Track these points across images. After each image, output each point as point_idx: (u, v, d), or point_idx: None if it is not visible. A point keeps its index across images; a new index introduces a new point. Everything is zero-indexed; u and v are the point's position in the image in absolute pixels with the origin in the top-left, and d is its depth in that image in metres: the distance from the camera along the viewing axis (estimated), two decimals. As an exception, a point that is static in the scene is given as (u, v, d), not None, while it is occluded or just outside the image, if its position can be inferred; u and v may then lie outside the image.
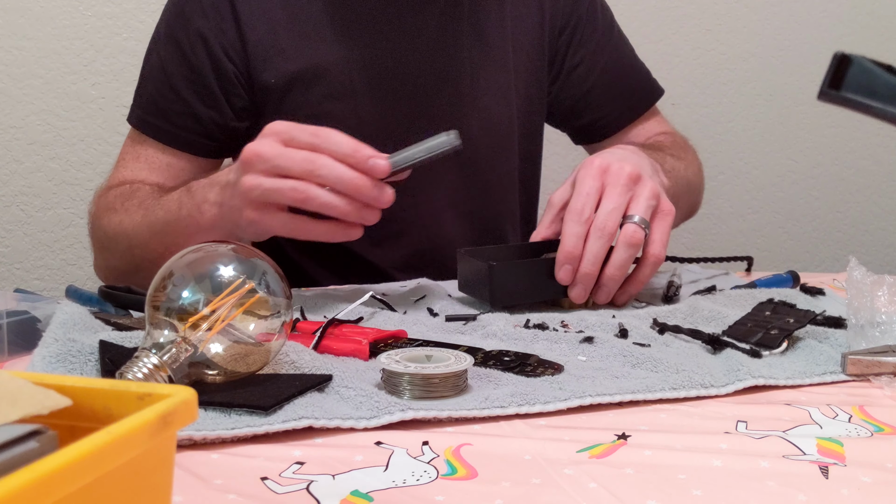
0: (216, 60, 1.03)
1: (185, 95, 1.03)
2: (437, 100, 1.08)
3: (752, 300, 0.87)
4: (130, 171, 1.04)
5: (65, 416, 0.36)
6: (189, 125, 1.04)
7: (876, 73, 0.52)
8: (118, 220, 0.97)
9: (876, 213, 1.86)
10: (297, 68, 1.04)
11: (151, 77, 1.06)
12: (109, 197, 1.00)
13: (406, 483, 0.49)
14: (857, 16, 1.78)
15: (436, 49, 1.08)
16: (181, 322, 0.58)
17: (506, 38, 1.13)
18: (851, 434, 0.58)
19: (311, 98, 1.04)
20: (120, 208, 0.98)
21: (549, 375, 0.65)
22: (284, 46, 1.04)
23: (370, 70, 1.05)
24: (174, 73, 1.04)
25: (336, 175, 0.77)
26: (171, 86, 1.04)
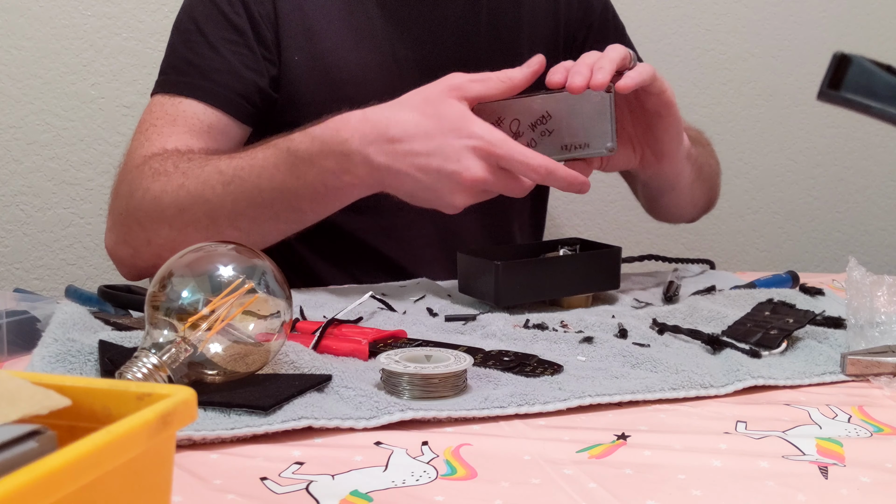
0: (256, 24, 1.01)
1: (226, 54, 1.00)
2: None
3: (752, 300, 0.87)
4: (169, 138, 0.96)
5: (64, 416, 0.35)
6: (231, 84, 0.99)
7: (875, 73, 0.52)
8: (177, 184, 0.89)
9: (875, 214, 1.86)
10: (320, 51, 1.04)
11: (186, 41, 1.02)
12: (152, 163, 0.92)
13: (405, 483, 0.49)
14: (857, 16, 1.78)
15: (454, 43, 1.09)
16: (181, 322, 0.58)
17: (521, 35, 1.14)
18: (851, 434, 0.58)
19: (330, 82, 1.04)
20: (174, 171, 0.90)
21: (549, 375, 0.65)
22: (312, 27, 1.04)
23: (389, 59, 1.06)
24: (213, 32, 1.00)
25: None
26: (211, 44, 1.00)
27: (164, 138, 0.96)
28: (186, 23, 1.03)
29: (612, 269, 0.92)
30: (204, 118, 0.98)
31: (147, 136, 0.97)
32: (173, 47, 1.03)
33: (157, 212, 0.90)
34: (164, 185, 0.89)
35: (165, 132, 0.96)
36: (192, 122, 0.97)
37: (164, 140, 0.96)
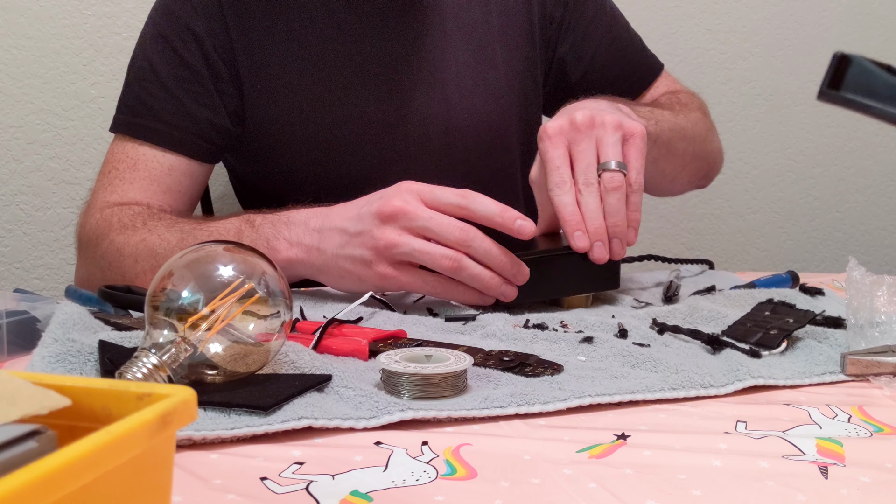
0: (209, 59, 1.02)
1: (179, 94, 1.01)
2: (425, 101, 1.08)
3: (752, 300, 0.87)
4: (131, 185, 1.00)
5: (64, 416, 0.35)
6: (185, 125, 1.01)
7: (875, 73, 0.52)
8: (139, 239, 0.93)
9: (875, 214, 1.86)
10: (284, 75, 1.04)
11: (140, 79, 1.03)
12: (120, 215, 0.96)
13: (405, 483, 0.49)
14: (857, 16, 1.78)
15: (421, 50, 1.07)
16: (181, 322, 0.58)
17: (492, 35, 1.12)
18: (851, 434, 0.58)
19: (294, 105, 1.04)
20: (141, 227, 0.94)
21: (549, 375, 0.65)
22: (270, 53, 1.03)
23: (357, 73, 1.05)
24: (165, 72, 1.01)
25: (485, 249, 0.81)
26: (163, 85, 1.01)
27: (126, 185, 1.00)
28: (141, 61, 1.04)
29: (612, 269, 0.91)
30: (164, 161, 1.01)
31: (110, 181, 1.01)
32: (129, 86, 1.05)
33: (116, 261, 0.94)
34: (127, 239, 0.94)
35: (127, 178, 1.00)
36: (152, 167, 1.01)
37: (125, 187, 1.00)
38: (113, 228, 0.95)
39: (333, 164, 1.06)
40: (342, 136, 1.05)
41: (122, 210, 0.97)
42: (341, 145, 1.06)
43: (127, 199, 0.99)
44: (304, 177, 1.07)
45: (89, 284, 0.98)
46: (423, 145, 1.08)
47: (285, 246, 0.86)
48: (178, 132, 1.01)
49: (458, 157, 1.08)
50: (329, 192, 1.06)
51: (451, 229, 0.80)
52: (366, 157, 1.06)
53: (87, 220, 1.00)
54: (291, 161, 1.06)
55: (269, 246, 0.87)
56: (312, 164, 1.06)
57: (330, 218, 0.86)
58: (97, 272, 0.97)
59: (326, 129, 1.05)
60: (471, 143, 1.10)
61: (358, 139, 1.06)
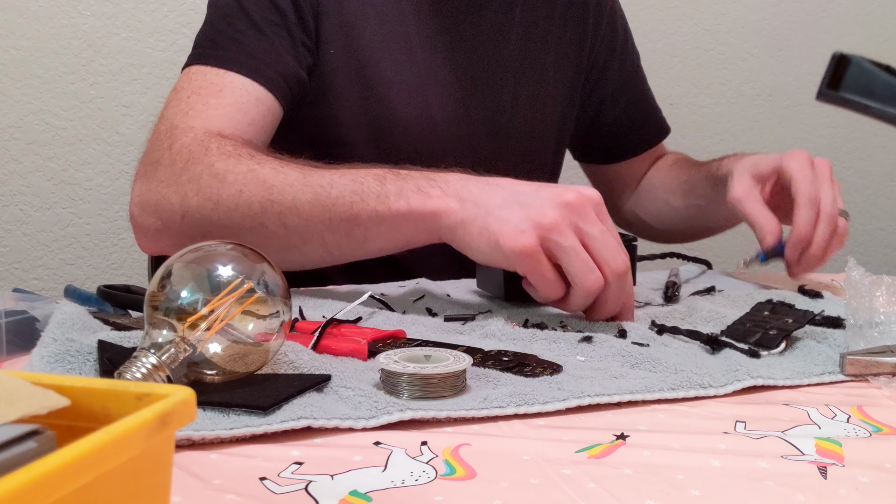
0: (300, 9, 1.00)
1: (269, 34, 0.98)
2: (479, 104, 1.10)
3: (751, 300, 0.87)
4: (216, 111, 0.92)
5: (63, 416, 0.35)
6: (273, 63, 0.97)
7: (874, 73, 0.52)
8: (246, 168, 0.84)
9: (874, 214, 1.87)
10: (356, 47, 1.04)
11: (226, 17, 0.99)
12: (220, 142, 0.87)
13: (405, 483, 0.49)
14: (856, 16, 1.78)
15: (485, 52, 1.10)
16: (180, 322, 0.58)
17: (548, 51, 1.15)
18: (850, 434, 0.58)
19: (362, 79, 1.04)
20: (248, 158, 0.85)
21: (548, 375, 0.65)
22: (350, 21, 1.04)
23: (420, 63, 1.06)
24: (256, 12, 0.99)
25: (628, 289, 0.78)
26: (253, 23, 0.98)
27: (211, 111, 0.92)
28: (227, 0, 1.01)
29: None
30: (252, 91, 0.95)
31: (191, 105, 0.93)
32: (212, 23, 1.01)
33: (214, 187, 0.84)
34: (233, 166, 0.85)
35: (212, 103, 0.92)
36: (239, 94, 0.94)
37: (210, 113, 0.92)
38: (211, 152, 0.86)
39: (378, 150, 1.06)
40: (398, 119, 1.06)
41: (220, 140, 0.88)
42: (396, 127, 1.06)
43: (214, 128, 0.91)
44: (355, 150, 1.05)
45: (158, 210, 0.88)
46: (471, 148, 1.10)
47: (438, 193, 0.79)
48: (266, 68, 0.96)
49: (501, 165, 1.09)
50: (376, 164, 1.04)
51: (615, 254, 0.76)
52: (418, 145, 1.06)
53: (170, 142, 0.90)
54: (346, 133, 1.05)
55: (420, 192, 0.80)
56: (365, 139, 1.06)
57: (496, 182, 0.80)
58: (176, 197, 0.86)
59: (386, 108, 1.05)
60: (510, 154, 1.13)
61: (413, 125, 1.07)
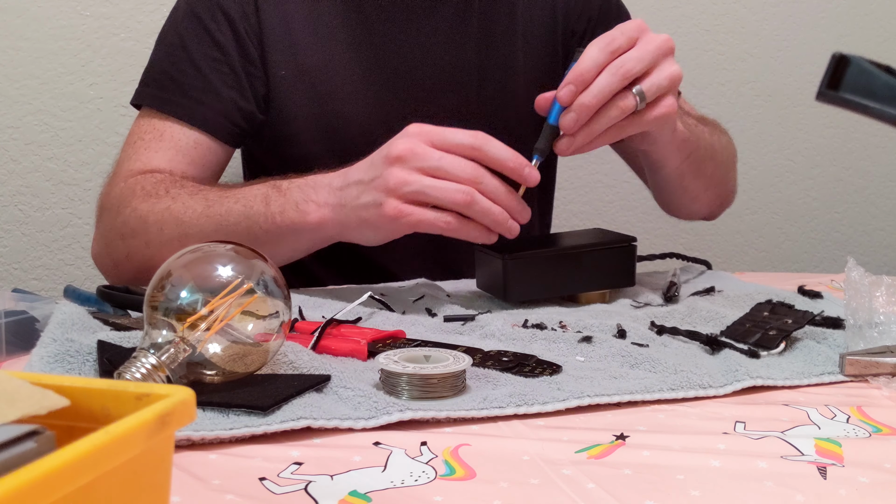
0: (241, 41, 1.01)
1: (207, 73, 1.00)
2: (443, 103, 1.08)
3: (751, 301, 0.88)
4: (156, 154, 0.99)
5: (63, 416, 0.35)
6: (212, 103, 1.00)
7: (874, 73, 0.52)
8: (164, 206, 0.92)
9: (874, 214, 1.87)
10: (306, 66, 1.03)
11: (169, 55, 1.02)
12: (143, 182, 0.95)
13: (404, 483, 0.49)
14: (856, 16, 1.78)
15: (444, 52, 1.08)
16: (179, 322, 0.58)
17: (515, 41, 1.12)
18: (850, 434, 0.58)
19: (317, 96, 1.04)
20: (164, 195, 0.93)
21: (548, 376, 0.65)
22: (297, 41, 1.03)
23: (379, 70, 1.05)
24: (196, 50, 1.01)
25: (494, 186, 0.82)
26: (193, 62, 1.00)
27: (152, 153, 0.99)
28: (171, 37, 1.03)
29: (628, 266, 0.91)
30: (190, 135, 1.00)
31: (135, 150, 1.00)
32: (157, 60, 1.04)
33: (140, 229, 0.93)
34: (152, 206, 0.92)
35: (153, 146, 0.99)
36: (178, 138, 1.00)
37: (150, 155, 0.99)
38: (136, 196, 0.94)
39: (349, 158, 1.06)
40: (359, 131, 1.05)
41: (144, 178, 0.96)
42: (358, 139, 1.05)
43: (150, 167, 0.98)
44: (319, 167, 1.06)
45: (109, 253, 0.97)
46: None
47: (314, 208, 0.86)
48: (204, 109, 1.00)
49: None
50: None
51: (462, 167, 0.81)
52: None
53: (110, 188, 0.99)
54: (308, 150, 1.05)
55: (298, 210, 0.87)
56: (328, 156, 1.06)
57: (349, 173, 0.86)
58: (118, 240, 0.95)
59: (344, 122, 1.05)
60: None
61: (374, 135, 1.06)
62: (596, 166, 1.70)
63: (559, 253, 0.89)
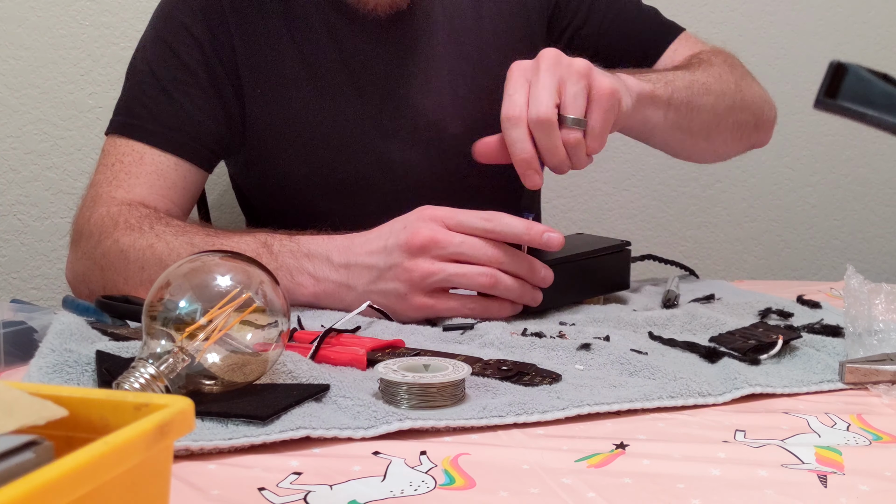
0: (209, 63, 1.02)
1: (177, 97, 1.01)
2: (419, 108, 1.08)
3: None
4: (137, 179, 0.98)
5: (61, 426, 0.35)
6: (183, 128, 1.01)
7: (872, 81, 0.52)
8: (147, 244, 0.90)
9: (873, 222, 1.87)
10: (277, 84, 1.04)
11: (139, 82, 1.03)
12: (127, 215, 0.94)
13: (404, 493, 0.49)
14: (854, 25, 1.79)
15: (414, 58, 1.08)
16: (178, 332, 0.58)
17: (486, 40, 1.11)
18: (850, 442, 0.58)
19: (290, 114, 1.04)
20: (149, 231, 0.92)
21: (547, 384, 0.65)
22: (266, 60, 1.04)
23: (352, 79, 1.06)
24: (164, 75, 1.01)
25: (516, 262, 0.83)
26: (162, 88, 1.01)
27: (133, 179, 0.98)
28: (140, 63, 1.04)
29: (623, 272, 0.94)
30: (167, 159, 1.00)
31: (115, 174, 0.99)
32: (128, 88, 1.04)
33: (120, 264, 0.91)
34: (134, 242, 0.91)
35: (133, 171, 0.99)
36: (158, 163, 0.99)
37: (132, 182, 0.98)
38: (119, 227, 0.93)
39: (329, 169, 1.06)
40: (338, 142, 1.06)
41: (129, 210, 0.95)
42: (337, 151, 1.06)
43: (133, 197, 0.97)
44: (300, 181, 1.07)
45: (86, 280, 0.96)
46: (419, 152, 1.09)
47: (311, 282, 0.86)
48: (176, 134, 1.00)
49: (454, 164, 1.08)
50: (325, 196, 1.05)
51: (483, 250, 0.82)
52: (362, 163, 1.06)
53: (90, 213, 0.97)
54: (288, 165, 1.06)
55: (293, 281, 0.86)
56: (309, 169, 1.06)
57: (354, 252, 0.85)
58: (96, 271, 0.94)
59: (322, 134, 1.05)
60: (467, 150, 1.10)
61: (353, 145, 1.06)
62: (595, 174, 1.70)
63: (567, 260, 0.89)
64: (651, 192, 1.73)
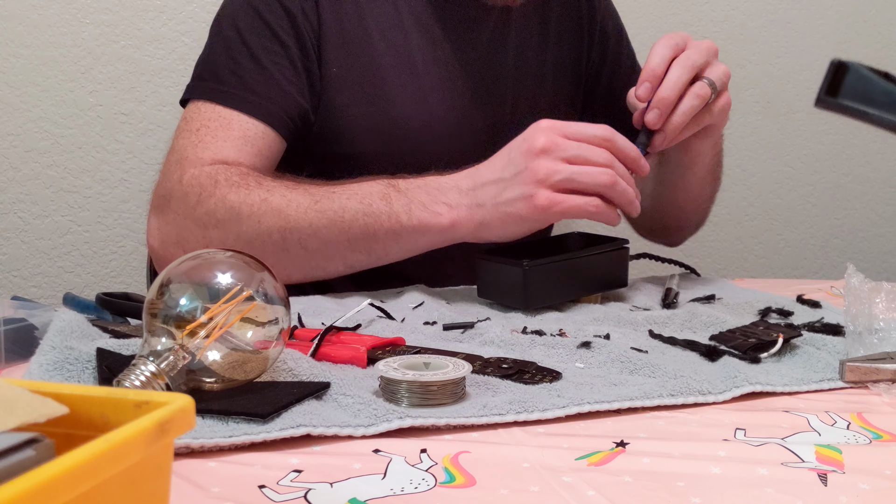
0: (300, 36, 1.01)
1: (268, 66, 0.99)
2: (482, 113, 1.10)
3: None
4: (225, 143, 0.96)
5: (62, 424, 0.35)
6: (274, 97, 0.99)
7: (873, 80, 0.52)
8: (260, 198, 0.89)
9: (873, 220, 1.87)
10: (357, 65, 1.04)
11: (227, 48, 1.00)
12: (227, 173, 0.92)
13: (404, 491, 0.49)
14: (855, 23, 1.79)
15: (484, 65, 1.10)
16: (179, 329, 0.58)
17: (546, 59, 1.15)
18: (850, 441, 0.58)
19: (364, 95, 1.04)
20: (256, 187, 0.90)
21: (548, 383, 0.65)
22: (349, 39, 1.04)
23: (428, 74, 1.07)
24: (256, 43, 1.00)
25: (624, 171, 0.89)
26: (253, 55, 0.99)
27: (220, 143, 0.96)
28: (228, 30, 1.02)
29: (621, 269, 0.95)
30: (257, 125, 0.98)
31: (200, 138, 0.97)
32: (213, 54, 1.02)
33: (231, 220, 0.90)
34: (245, 197, 0.90)
35: (221, 136, 0.96)
36: (246, 128, 0.98)
37: (219, 144, 0.96)
38: (220, 185, 0.91)
39: (393, 157, 1.06)
40: (404, 131, 1.06)
41: (227, 169, 0.93)
42: (402, 140, 1.06)
43: (222, 157, 0.95)
44: (361, 164, 1.06)
45: (181, 242, 0.93)
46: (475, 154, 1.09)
47: (446, 209, 0.88)
48: (266, 103, 0.99)
49: None
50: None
51: (600, 153, 0.87)
52: (424, 155, 1.06)
53: (179, 175, 0.94)
54: (352, 147, 1.05)
55: (428, 210, 0.88)
56: (372, 153, 1.06)
57: (480, 174, 0.89)
58: (196, 230, 0.92)
59: (391, 121, 1.05)
60: None
61: (419, 136, 1.07)
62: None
63: (570, 258, 0.90)
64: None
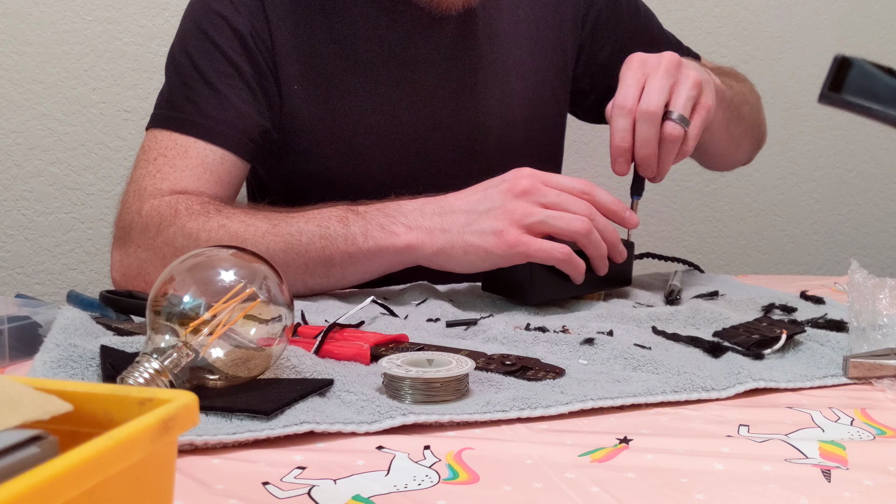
0: (252, 56, 1.00)
1: (221, 89, 0.99)
2: (454, 109, 1.09)
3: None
4: (183, 172, 0.95)
5: (66, 421, 0.35)
6: (230, 120, 0.98)
7: (876, 75, 0.52)
8: (218, 224, 0.89)
9: (877, 216, 1.86)
10: (318, 80, 1.04)
11: (180, 75, 1.00)
12: (188, 202, 0.92)
13: (407, 487, 0.49)
14: (858, 18, 1.78)
15: (453, 60, 1.09)
16: (182, 327, 0.58)
17: (520, 43, 1.13)
18: (854, 437, 0.57)
19: (330, 110, 1.04)
20: (216, 214, 0.90)
21: (551, 379, 0.65)
22: (307, 55, 1.03)
23: (391, 78, 1.06)
24: (207, 67, 0.99)
25: (604, 223, 0.89)
26: (206, 80, 0.99)
27: (178, 172, 0.95)
28: (181, 56, 1.02)
29: (626, 268, 0.94)
30: (215, 151, 0.97)
31: (158, 168, 0.96)
32: (168, 82, 1.02)
33: (189, 246, 0.88)
34: (203, 224, 0.89)
35: (178, 165, 0.96)
36: (204, 155, 0.97)
37: (178, 175, 0.95)
38: (180, 214, 0.91)
39: (362, 168, 1.06)
40: (373, 140, 1.06)
41: (188, 198, 0.93)
42: (371, 149, 1.06)
43: (182, 188, 0.95)
44: (331, 178, 1.06)
45: (140, 276, 0.93)
46: (452, 152, 1.09)
47: (404, 230, 0.88)
48: (222, 126, 0.98)
49: (485, 165, 1.09)
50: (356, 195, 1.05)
51: (579, 203, 0.87)
52: (395, 162, 1.06)
53: (138, 207, 0.94)
54: (321, 162, 1.06)
55: (385, 230, 0.87)
56: (341, 167, 1.06)
57: (449, 202, 0.89)
58: (156, 260, 0.91)
59: (358, 132, 1.05)
60: (497, 152, 1.12)
61: (388, 144, 1.06)
62: (599, 169, 1.70)
63: None
64: (654, 187, 1.73)
